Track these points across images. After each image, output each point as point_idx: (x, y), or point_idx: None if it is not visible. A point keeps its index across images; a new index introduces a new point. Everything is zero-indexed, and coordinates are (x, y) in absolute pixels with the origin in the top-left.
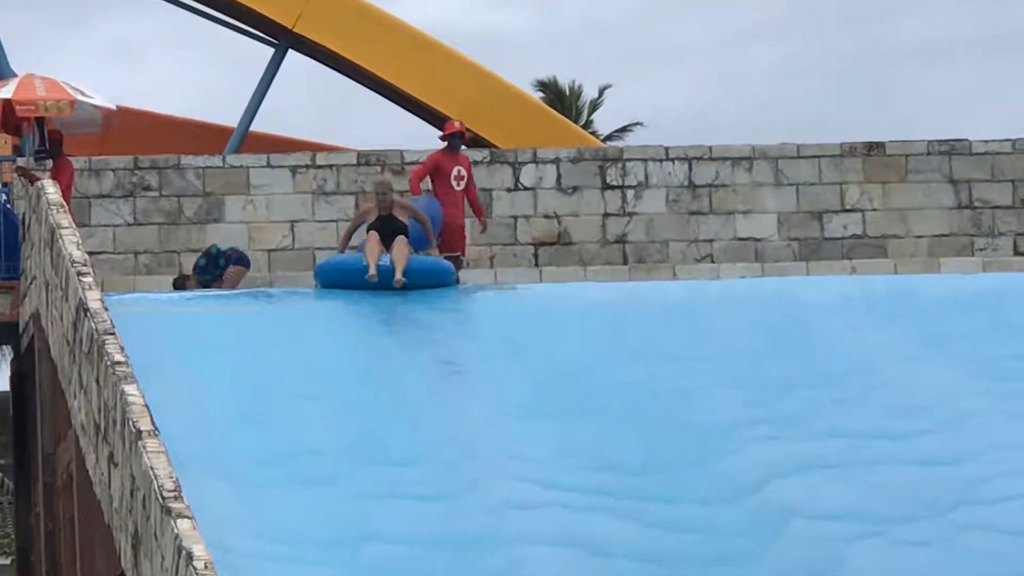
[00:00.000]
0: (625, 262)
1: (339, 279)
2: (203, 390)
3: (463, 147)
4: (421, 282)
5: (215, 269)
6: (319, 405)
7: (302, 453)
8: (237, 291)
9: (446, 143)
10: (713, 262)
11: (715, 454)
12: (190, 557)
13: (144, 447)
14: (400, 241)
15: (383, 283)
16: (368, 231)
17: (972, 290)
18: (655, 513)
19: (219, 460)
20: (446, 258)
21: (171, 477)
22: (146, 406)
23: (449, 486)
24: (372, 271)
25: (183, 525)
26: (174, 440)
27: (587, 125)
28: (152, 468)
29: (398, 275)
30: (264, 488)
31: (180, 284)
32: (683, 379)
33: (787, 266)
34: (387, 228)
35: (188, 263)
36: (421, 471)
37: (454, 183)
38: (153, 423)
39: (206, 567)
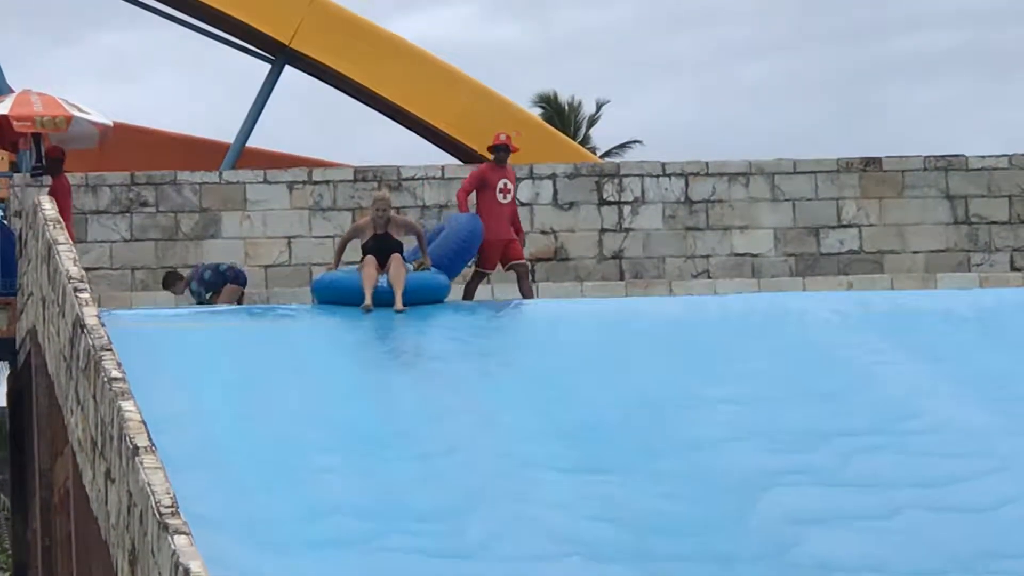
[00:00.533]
0: (622, 278)
1: (336, 297)
2: (200, 406)
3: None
4: (413, 299)
5: (216, 285)
6: (317, 421)
7: (300, 469)
8: (235, 307)
9: (493, 156)
10: (710, 278)
11: (711, 465)
12: (187, 573)
13: (141, 463)
14: (396, 261)
15: (380, 302)
16: (364, 252)
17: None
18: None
19: (216, 476)
20: (477, 273)
21: (168, 493)
22: (143, 422)
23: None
24: (368, 302)
25: (180, 541)
26: (171, 456)
27: (585, 141)
28: (149, 484)
29: (398, 304)
30: (263, 504)
31: (170, 283)
32: (682, 396)
33: (783, 282)
34: (383, 246)
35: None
36: (422, 488)
37: (500, 196)
38: (150, 439)
39: None
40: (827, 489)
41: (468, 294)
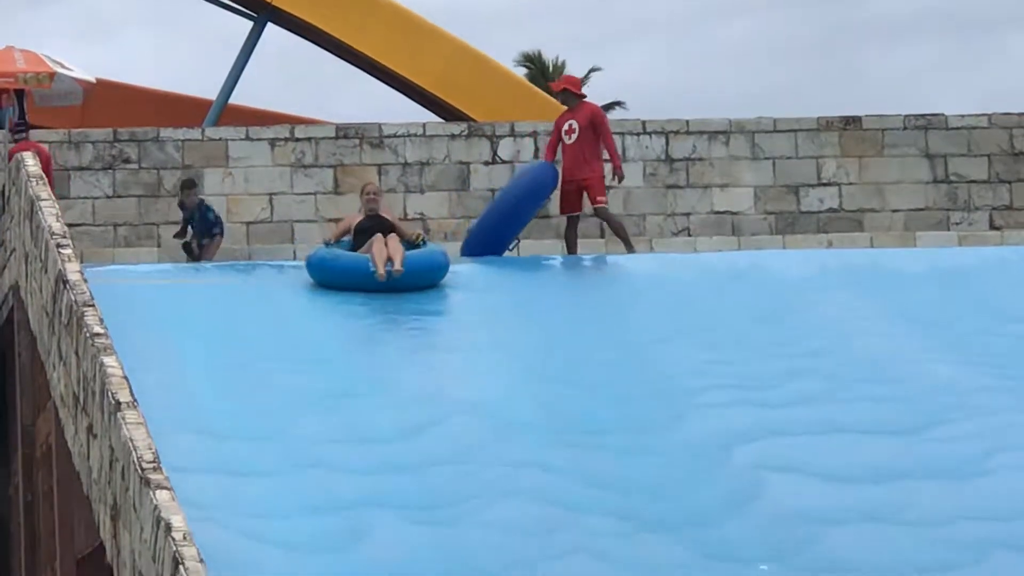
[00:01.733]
0: (603, 235)
1: (336, 279)
2: (183, 362)
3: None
4: (412, 282)
5: (207, 226)
6: (300, 378)
7: (282, 425)
8: (218, 263)
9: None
10: (690, 235)
11: (686, 419)
12: (169, 528)
13: (123, 418)
14: (393, 237)
15: (379, 286)
16: (357, 233)
17: (948, 263)
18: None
19: (198, 431)
20: (567, 219)
21: (150, 448)
22: (125, 377)
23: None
24: (381, 270)
25: (162, 496)
26: (153, 411)
27: None
28: (131, 439)
29: (397, 265)
30: (243, 460)
31: (187, 186)
32: (661, 353)
33: (763, 239)
34: (376, 226)
35: (167, 235)
36: (403, 445)
37: (564, 137)
38: (132, 394)
39: (185, 538)
40: (800, 440)
41: (569, 245)
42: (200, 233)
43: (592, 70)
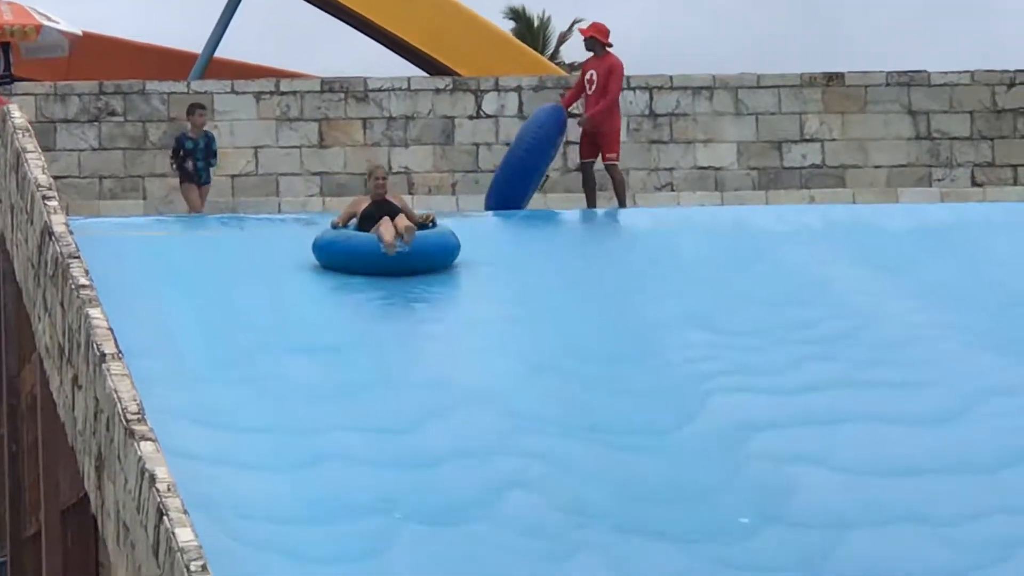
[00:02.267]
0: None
1: (343, 261)
2: (168, 313)
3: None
4: (423, 263)
5: (211, 155)
6: (285, 329)
7: (267, 375)
8: (203, 215)
9: None
10: (673, 190)
11: (671, 373)
12: (153, 479)
13: (108, 370)
14: (402, 218)
15: (388, 271)
16: (362, 219)
17: (930, 219)
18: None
19: (183, 383)
20: (581, 165)
21: (135, 400)
22: (110, 329)
23: (411, 411)
24: (390, 241)
25: (146, 447)
26: (138, 363)
27: (554, 56)
28: (116, 391)
29: (407, 238)
30: (228, 410)
31: (191, 112)
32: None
33: (746, 195)
34: (383, 212)
35: (153, 188)
36: (383, 391)
37: (587, 87)
38: (117, 346)
39: (169, 489)
40: (779, 396)
41: (588, 196)
42: (202, 160)
43: (574, 22)
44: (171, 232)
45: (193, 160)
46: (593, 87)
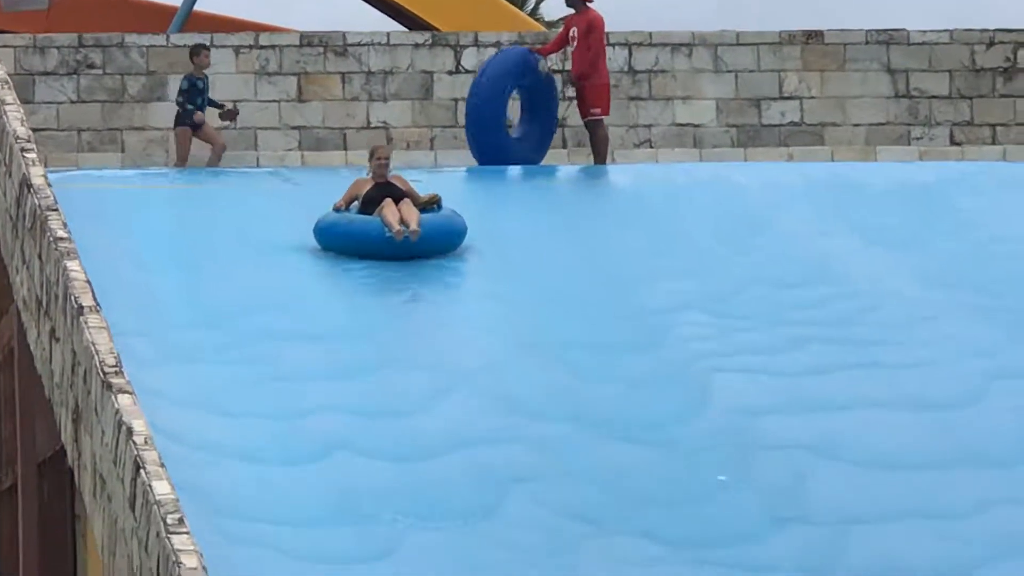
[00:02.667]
0: (564, 146)
1: (346, 244)
2: (146, 266)
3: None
4: (429, 247)
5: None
6: (263, 283)
7: (245, 330)
8: (183, 168)
9: None
10: (651, 147)
11: (652, 336)
12: (130, 432)
13: (86, 323)
14: (406, 202)
15: (390, 255)
16: (365, 202)
17: (908, 178)
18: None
19: (160, 336)
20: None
21: (112, 353)
22: (88, 282)
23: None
24: (397, 227)
25: (124, 400)
26: (116, 316)
27: (534, 12)
28: (93, 344)
29: (413, 225)
30: (205, 364)
31: (195, 52)
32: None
33: (725, 152)
34: (386, 194)
35: (131, 141)
36: (362, 348)
37: (570, 43)
38: (95, 299)
39: (146, 442)
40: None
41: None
42: (205, 104)
43: None
44: (150, 184)
45: (202, 99)
46: (574, 44)
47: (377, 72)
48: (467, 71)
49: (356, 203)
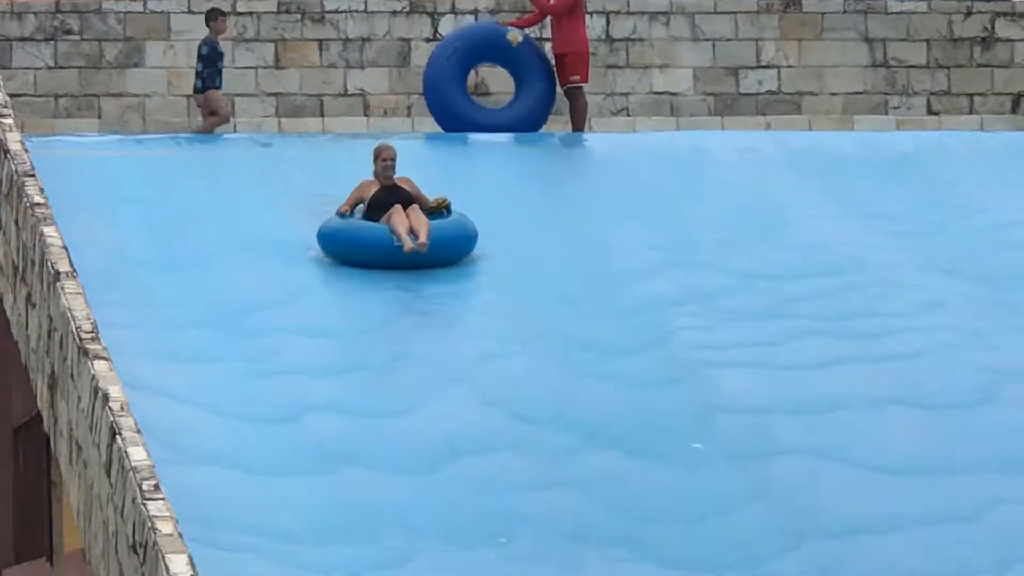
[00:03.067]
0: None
1: (353, 253)
2: (123, 232)
3: None
4: (439, 256)
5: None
6: (239, 249)
7: (220, 296)
8: (160, 136)
9: None
10: (629, 116)
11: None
12: (106, 398)
13: (62, 288)
14: (415, 208)
15: (399, 264)
16: (370, 206)
17: (885, 147)
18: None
19: (137, 302)
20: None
21: (88, 319)
22: (65, 247)
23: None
24: (408, 244)
25: (100, 366)
26: (92, 282)
27: None
28: (70, 309)
29: (422, 238)
30: (181, 329)
31: (211, 17)
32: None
33: (702, 121)
34: (393, 198)
35: (108, 107)
36: (337, 311)
37: (548, 14)
38: (71, 264)
39: (122, 408)
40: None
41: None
42: (217, 74)
43: None
44: (127, 151)
45: (222, 64)
46: (556, 17)
47: (354, 39)
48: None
49: (361, 207)
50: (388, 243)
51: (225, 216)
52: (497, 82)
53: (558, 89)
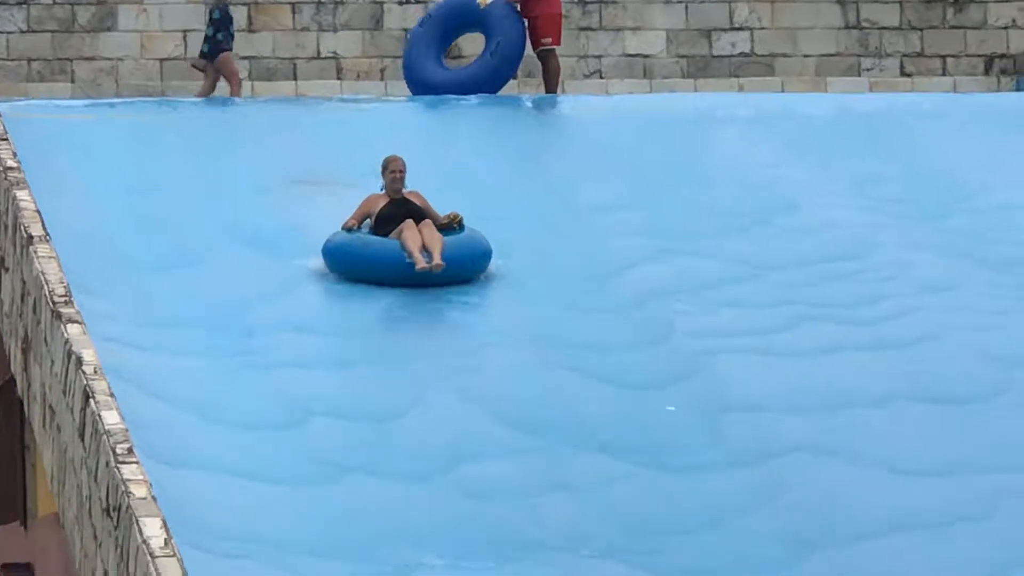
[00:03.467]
0: (515, 77)
1: (362, 270)
2: (96, 197)
3: None
4: (453, 273)
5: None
6: (213, 214)
7: (192, 260)
8: (133, 99)
9: None
10: (602, 78)
11: (601, 262)
12: (80, 361)
13: (35, 252)
14: (428, 224)
15: (410, 281)
16: (378, 220)
17: (858, 109)
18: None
19: (110, 266)
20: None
21: (62, 283)
22: (38, 211)
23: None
24: (421, 262)
25: (73, 330)
26: (65, 246)
27: None
28: (43, 273)
29: (436, 258)
30: (154, 293)
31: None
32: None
33: (675, 83)
34: (403, 212)
35: (81, 71)
36: (306, 272)
37: None
38: (44, 228)
39: (95, 371)
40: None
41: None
42: (227, 39)
43: None
44: (101, 115)
45: (233, 28)
46: None
47: (327, 2)
48: (418, 1)
49: (368, 221)
50: (399, 259)
51: (202, 182)
52: (473, 46)
53: (530, 52)
